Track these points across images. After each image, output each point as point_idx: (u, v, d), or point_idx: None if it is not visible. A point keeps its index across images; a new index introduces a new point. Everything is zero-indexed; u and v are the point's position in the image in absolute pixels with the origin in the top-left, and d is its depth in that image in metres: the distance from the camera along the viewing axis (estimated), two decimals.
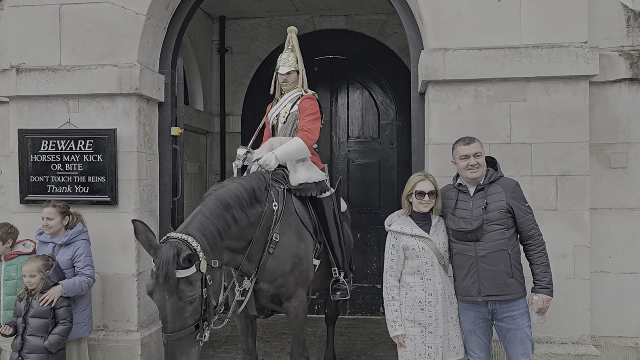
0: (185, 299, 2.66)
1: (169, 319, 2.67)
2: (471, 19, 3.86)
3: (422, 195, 3.11)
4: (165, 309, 2.67)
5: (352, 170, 6.65)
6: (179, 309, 2.67)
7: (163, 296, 2.65)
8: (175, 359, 2.67)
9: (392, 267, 3.14)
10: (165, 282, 2.61)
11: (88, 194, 4.20)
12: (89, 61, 4.21)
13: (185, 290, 2.66)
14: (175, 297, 2.64)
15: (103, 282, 4.19)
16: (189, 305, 2.68)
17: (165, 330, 2.69)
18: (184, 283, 2.66)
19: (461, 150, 3.14)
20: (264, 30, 6.76)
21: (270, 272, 3.36)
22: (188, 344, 2.71)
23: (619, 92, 3.97)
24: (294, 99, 4.02)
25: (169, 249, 2.65)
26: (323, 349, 5.02)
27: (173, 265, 2.62)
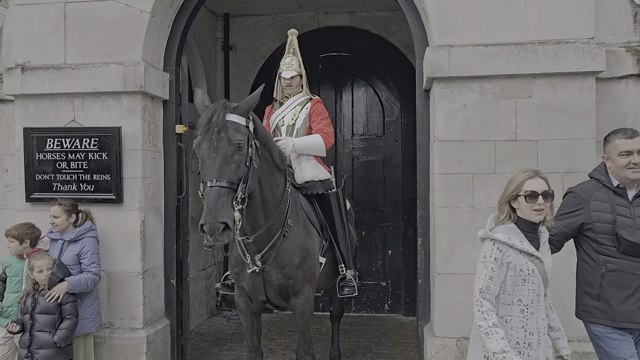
0: (234, 141, 2.76)
1: (216, 166, 2.72)
2: (476, 15, 3.83)
3: (535, 197, 2.40)
4: (212, 155, 2.72)
5: (357, 168, 6.63)
6: (226, 156, 2.74)
7: (212, 143, 2.73)
8: (217, 209, 2.64)
9: (490, 288, 2.40)
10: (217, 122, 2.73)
11: (93, 192, 4.20)
12: (94, 59, 4.22)
13: (236, 135, 2.78)
14: (225, 142, 2.74)
15: (108, 280, 4.20)
16: (236, 152, 2.77)
17: (210, 177, 2.70)
18: (233, 128, 2.79)
19: (622, 145, 2.63)
20: (268, 27, 6.75)
21: (281, 257, 3.35)
22: (227, 201, 2.69)
23: (626, 89, 3.94)
24: (303, 102, 4.10)
25: (220, 101, 2.90)
26: (328, 346, 5.03)
27: (225, 108, 2.82)
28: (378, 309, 6.59)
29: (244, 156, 2.83)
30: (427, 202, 4.15)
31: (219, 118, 2.77)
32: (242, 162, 2.81)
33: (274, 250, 3.33)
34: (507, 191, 2.51)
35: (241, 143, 2.81)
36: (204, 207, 2.69)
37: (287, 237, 3.39)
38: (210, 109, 2.84)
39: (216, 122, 2.76)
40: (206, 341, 5.63)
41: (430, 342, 3.91)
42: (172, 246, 4.50)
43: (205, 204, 2.69)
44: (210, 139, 2.76)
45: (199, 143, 2.80)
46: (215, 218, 2.62)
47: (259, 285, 3.41)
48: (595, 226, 2.64)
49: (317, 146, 3.89)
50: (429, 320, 4.12)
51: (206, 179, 2.74)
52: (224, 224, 2.64)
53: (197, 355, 5.15)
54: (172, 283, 4.50)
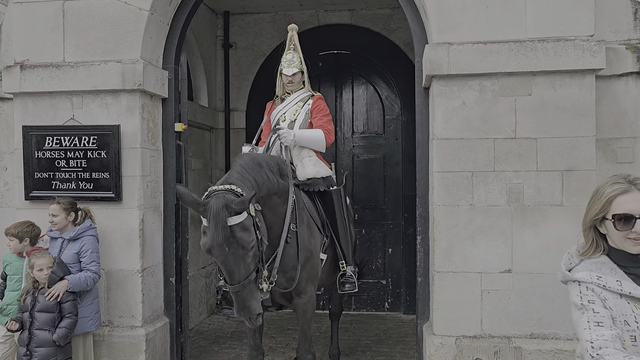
0: (246, 245, 2.71)
1: (234, 269, 2.72)
2: (476, 13, 3.82)
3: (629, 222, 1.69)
4: (228, 260, 2.71)
5: (357, 166, 6.62)
6: (241, 257, 2.73)
7: (223, 249, 2.68)
8: (248, 305, 2.74)
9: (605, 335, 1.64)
10: (223, 232, 2.65)
11: (92, 190, 4.20)
12: (93, 57, 4.21)
13: (243, 237, 2.71)
14: (236, 246, 2.69)
15: (107, 278, 4.20)
16: (250, 251, 2.75)
17: (232, 282, 2.73)
18: (240, 230, 2.71)
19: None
20: (268, 25, 6.74)
21: (286, 262, 3.34)
22: (254, 288, 2.79)
23: (626, 86, 3.92)
24: (305, 98, 4.13)
25: (217, 200, 2.69)
26: (328, 344, 5.03)
27: (225, 214, 2.66)
28: (378, 307, 6.59)
29: (255, 247, 2.81)
30: (427, 200, 4.15)
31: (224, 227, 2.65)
32: (256, 252, 2.83)
33: (278, 257, 3.32)
34: (591, 211, 1.80)
35: (253, 243, 2.76)
36: (235, 304, 2.80)
37: (291, 242, 3.38)
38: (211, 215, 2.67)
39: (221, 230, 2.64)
40: (206, 339, 5.64)
41: (430, 340, 3.91)
42: (172, 244, 4.50)
43: (235, 301, 2.79)
44: (220, 245, 2.67)
45: (210, 249, 2.71)
46: (249, 313, 2.77)
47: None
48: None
49: (317, 140, 3.90)
50: (428, 319, 4.12)
51: (229, 281, 2.78)
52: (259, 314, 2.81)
53: (197, 353, 5.16)
54: (172, 281, 4.50)
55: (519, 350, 3.72)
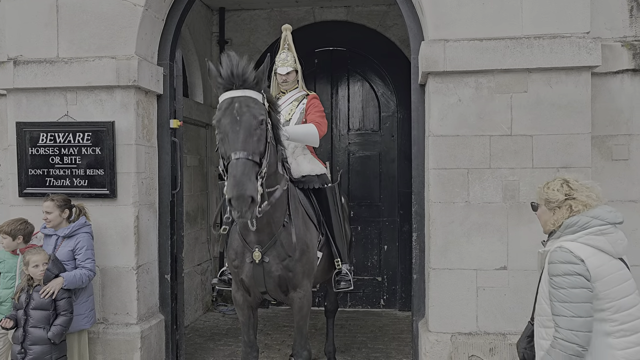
0: (257, 116, 2.80)
1: (240, 138, 2.74)
2: (472, 9, 3.81)
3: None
4: (236, 128, 2.75)
5: (353, 163, 6.62)
6: (250, 128, 2.77)
7: (234, 117, 2.77)
8: (243, 181, 2.63)
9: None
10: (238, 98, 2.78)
11: (87, 187, 4.18)
12: (87, 53, 4.18)
13: (256, 108, 2.83)
14: (248, 115, 2.78)
15: (102, 275, 4.18)
16: (259, 126, 2.80)
17: (235, 148, 2.72)
18: (254, 103, 2.84)
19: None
20: (263, 22, 6.71)
21: (281, 249, 3.33)
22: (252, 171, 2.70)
23: (622, 83, 3.93)
24: (299, 98, 4.13)
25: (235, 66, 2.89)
26: (323, 341, 5.02)
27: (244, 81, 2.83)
28: (374, 304, 6.60)
29: (264, 131, 2.86)
30: (422, 197, 4.14)
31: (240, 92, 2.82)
32: (262, 136, 2.84)
33: (274, 240, 3.32)
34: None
35: (263, 118, 2.85)
36: (229, 180, 2.65)
37: (287, 229, 3.37)
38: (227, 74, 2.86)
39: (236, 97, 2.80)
40: (201, 336, 5.63)
41: (425, 337, 3.91)
42: (167, 241, 4.48)
43: (231, 176, 2.64)
44: (232, 113, 2.77)
45: (219, 118, 2.82)
46: (243, 191, 2.59)
47: (259, 277, 3.38)
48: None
49: (310, 135, 3.88)
50: (423, 316, 4.12)
51: (230, 152, 2.73)
52: (251, 197, 2.62)
53: (193, 350, 5.15)
54: (167, 278, 4.49)
55: (514, 347, 3.72)
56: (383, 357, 4.98)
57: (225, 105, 2.83)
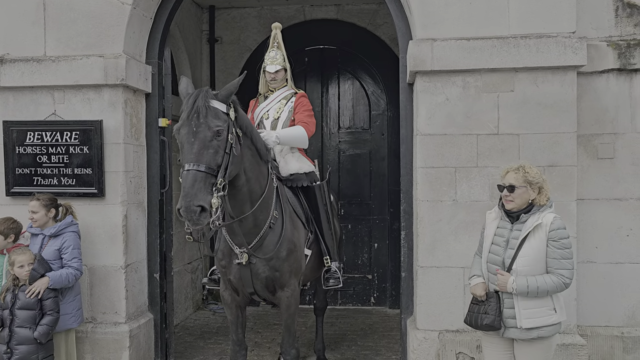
0: (213, 126, 2.79)
1: (194, 150, 2.76)
2: (459, 9, 3.83)
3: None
4: (191, 140, 2.77)
5: (343, 161, 6.63)
6: (205, 141, 2.78)
7: (191, 128, 2.78)
8: (193, 192, 2.66)
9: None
10: (197, 109, 2.78)
11: (75, 186, 4.16)
12: (74, 52, 4.16)
13: (214, 121, 2.82)
14: (204, 126, 2.78)
15: (90, 275, 4.17)
16: (215, 138, 2.80)
17: (188, 160, 2.75)
18: (213, 113, 2.84)
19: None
20: (254, 20, 6.70)
21: (268, 249, 3.35)
22: (206, 185, 2.72)
23: (607, 83, 3.96)
24: (288, 96, 4.12)
25: (202, 89, 2.92)
26: (313, 339, 5.04)
27: (207, 94, 2.86)
28: (364, 301, 6.62)
29: (222, 142, 2.85)
30: (411, 195, 4.17)
31: (199, 104, 2.81)
32: (220, 147, 2.84)
33: (260, 241, 3.33)
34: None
35: (220, 129, 2.83)
36: (181, 191, 2.70)
37: (274, 229, 3.39)
38: (191, 96, 2.88)
39: (196, 108, 2.80)
40: (192, 335, 5.63)
41: (413, 334, 3.94)
42: (156, 240, 4.47)
43: (182, 187, 2.71)
44: (190, 124, 2.79)
45: (179, 128, 2.85)
46: (191, 201, 2.64)
47: (246, 277, 3.40)
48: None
49: (300, 137, 3.90)
50: (412, 313, 4.15)
51: (184, 163, 2.77)
52: (200, 207, 2.65)
53: (182, 349, 5.15)
54: (156, 277, 4.48)
55: None
56: (372, 354, 5.01)
57: (185, 115, 2.84)
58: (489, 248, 2.92)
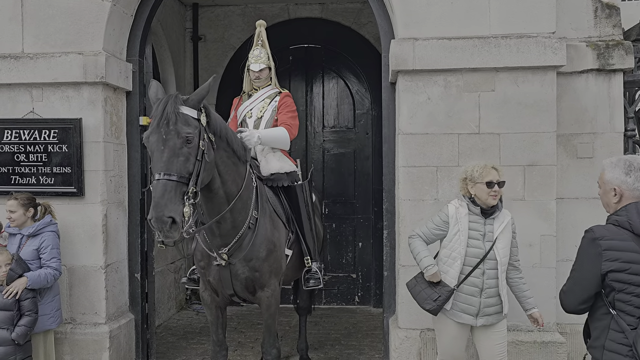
0: (183, 134, 2.71)
1: (164, 158, 2.69)
2: (441, 9, 3.84)
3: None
4: (160, 147, 2.70)
5: (328, 160, 6.63)
6: (174, 148, 2.70)
7: (160, 135, 2.70)
8: (163, 203, 2.59)
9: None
10: (166, 116, 2.70)
11: (53, 185, 4.11)
12: (53, 49, 4.10)
13: (184, 128, 2.73)
14: (173, 134, 2.70)
15: (70, 275, 4.12)
16: (185, 145, 2.72)
17: (158, 170, 2.68)
18: (183, 120, 2.74)
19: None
20: (238, 18, 6.67)
21: (247, 250, 3.32)
22: (177, 194, 2.65)
23: (586, 83, 4.00)
24: (272, 95, 4.09)
25: (171, 94, 2.84)
26: (297, 339, 5.03)
27: (175, 102, 2.75)
28: (348, 300, 6.63)
29: (193, 149, 2.77)
30: (393, 194, 4.17)
31: (169, 110, 2.73)
32: (191, 155, 2.76)
33: (239, 243, 3.31)
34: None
35: (190, 136, 2.74)
36: (152, 201, 2.64)
37: (253, 230, 3.37)
38: (160, 102, 2.80)
39: (165, 115, 2.72)
40: (174, 335, 5.58)
41: (395, 333, 3.94)
42: (137, 240, 4.43)
43: (152, 197, 2.64)
44: (159, 132, 2.71)
45: (148, 136, 2.76)
46: (162, 213, 2.57)
47: (226, 279, 3.38)
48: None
49: (281, 139, 3.88)
50: (394, 312, 4.16)
51: (154, 172, 2.70)
52: (171, 219, 2.58)
53: (165, 349, 5.11)
54: (137, 277, 4.44)
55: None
56: (356, 353, 5.01)
57: (155, 122, 2.75)
58: (467, 242, 3.06)
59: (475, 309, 3.07)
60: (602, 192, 2.37)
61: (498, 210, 3.11)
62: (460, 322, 3.12)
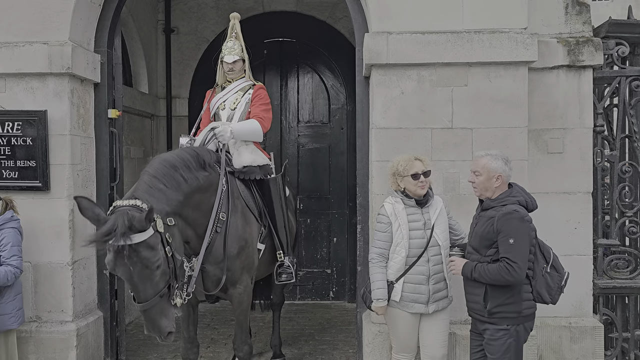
0: (151, 265, 2.59)
1: (140, 289, 2.63)
2: (414, 3, 3.83)
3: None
4: (133, 280, 2.61)
5: (302, 155, 6.59)
6: (147, 276, 2.62)
7: (127, 268, 2.57)
8: (158, 324, 2.67)
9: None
10: (125, 252, 2.52)
11: (17, 179, 3.98)
12: (16, 38, 3.96)
13: (149, 256, 2.59)
14: (140, 266, 2.58)
15: (35, 272, 4.00)
16: (156, 270, 2.63)
17: (139, 300, 2.66)
18: (145, 248, 2.58)
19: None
20: (211, 10, 6.56)
21: (217, 252, 3.29)
22: (164, 307, 2.70)
23: (557, 79, 4.04)
24: (245, 87, 4.06)
25: (119, 217, 2.53)
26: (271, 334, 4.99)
27: (128, 232, 2.52)
28: (323, 296, 6.61)
29: (164, 264, 2.69)
30: (367, 189, 4.16)
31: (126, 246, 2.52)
32: (165, 270, 2.71)
33: (210, 248, 3.27)
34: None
35: (159, 262, 2.63)
36: (144, 321, 2.73)
37: (221, 233, 3.32)
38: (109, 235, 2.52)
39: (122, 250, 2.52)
40: None
41: (368, 328, 3.94)
42: None
43: (144, 319, 2.72)
44: (124, 264, 2.56)
45: (113, 268, 2.60)
46: (160, 333, 2.71)
47: (197, 282, 3.33)
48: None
49: (254, 132, 3.84)
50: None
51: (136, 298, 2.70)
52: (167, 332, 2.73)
53: (136, 347, 5.01)
54: (106, 274, 4.31)
55: (454, 336, 3.80)
56: (329, 348, 5.00)
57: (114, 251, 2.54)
58: (409, 234, 3.14)
59: (425, 296, 3.14)
60: (484, 178, 2.97)
61: (431, 198, 3.24)
62: (413, 312, 3.17)
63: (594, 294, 4.12)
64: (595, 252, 4.14)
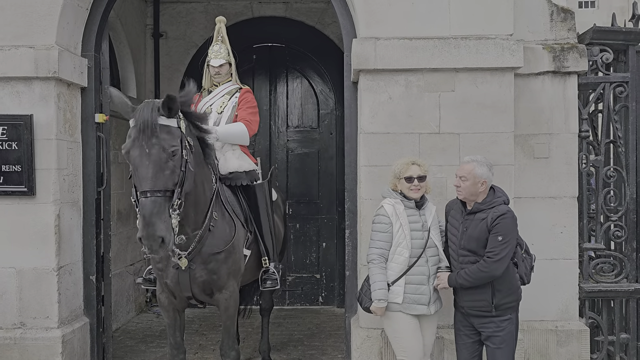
0: (168, 148, 2.64)
1: (150, 174, 2.61)
2: (402, 8, 3.86)
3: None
4: (145, 162, 2.61)
5: (291, 160, 6.59)
6: (160, 163, 2.62)
7: (143, 150, 2.61)
8: (153, 221, 2.58)
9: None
10: (147, 129, 2.60)
11: (2, 184, 3.93)
12: (2, 42, 3.93)
13: (167, 139, 2.66)
14: (158, 148, 2.62)
15: (20, 278, 3.96)
16: (170, 158, 2.65)
17: (145, 187, 2.61)
18: (165, 132, 2.67)
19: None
20: (200, 15, 6.56)
21: (206, 252, 3.27)
22: (163, 209, 2.64)
23: (543, 84, 4.08)
24: (232, 91, 4.05)
25: (149, 103, 2.73)
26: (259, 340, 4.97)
27: (155, 112, 2.65)
28: (312, 301, 6.60)
29: (178, 161, 2.72)
30: (355, 194, 4.17)
31: (149, 121, 2.63)
32: (176, 167, 2.72)
33: (199, 247, 3.25)
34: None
35: (175, 149, 2.69)
36: (140, 219, 2.61)
37: (213, 232, 3.31)
38: (139, 112, 2.69)
39: (146, 126, 2.62)
40: (133, 339, 5.44)
41: (356, 333, 3.94)
42: (92, 241, 4.28)
43: (141, 215, 2.61)
44: (141, 145, 2.62)
45: (129, 150, 2.66)
46: (153, 232, 2.58)
47: (184, 282, 3.31)
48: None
49: (240, 135, 3.84)
50: (356, 312, 4.14)
51: (140, 188, 2.64)
52: (161, 238, 2.61)
53: (122, 354, 4.96)
54: (92, 279, 4.29)
55: (442, 340, 3.81)
56: (319, 354, 4.99)
57: (134, 133, 2.67)
58: (410, 234, 3.21)
59: (427, 297, 3.20)
60: (469, 184, 3.12)
61: (426, 201, 3.35)
62: (415, 314, 3.20)
63: (580, 297, 4.15)
64: (581, 256, 4.18)
